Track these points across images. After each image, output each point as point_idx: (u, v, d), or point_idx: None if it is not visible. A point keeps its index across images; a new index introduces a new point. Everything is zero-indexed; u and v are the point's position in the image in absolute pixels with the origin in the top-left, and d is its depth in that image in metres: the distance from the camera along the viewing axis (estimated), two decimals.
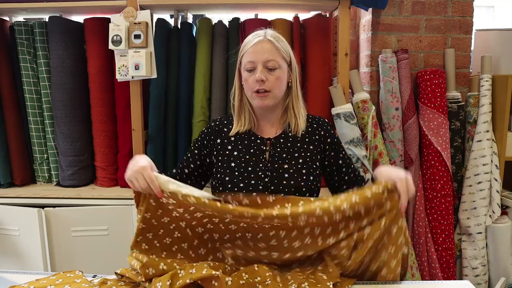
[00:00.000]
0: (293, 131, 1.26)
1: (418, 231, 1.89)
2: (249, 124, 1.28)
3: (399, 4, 1.88)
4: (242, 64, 1.24)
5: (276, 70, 1.21)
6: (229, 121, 1.32)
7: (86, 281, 1.00)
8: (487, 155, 1.85)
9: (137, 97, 1.74)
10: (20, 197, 1.82)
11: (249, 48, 1.21)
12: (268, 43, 1.20)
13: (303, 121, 1.27)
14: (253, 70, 1.21)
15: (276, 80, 1.21)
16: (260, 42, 1.20)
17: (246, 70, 1.22)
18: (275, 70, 1.21)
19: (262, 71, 1.19)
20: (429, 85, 1.82)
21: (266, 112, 1.28)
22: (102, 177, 1.92)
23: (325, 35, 1.82)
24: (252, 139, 1.27)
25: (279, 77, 1.21)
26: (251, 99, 1.24)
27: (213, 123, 1.33)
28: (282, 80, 1.23)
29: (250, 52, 1.21)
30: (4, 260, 1.84)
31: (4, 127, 1.88)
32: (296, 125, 1.26)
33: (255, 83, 1.20)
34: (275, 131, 1.29)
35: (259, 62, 1.19)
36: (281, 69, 1.22)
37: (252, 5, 1.78)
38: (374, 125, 1.79)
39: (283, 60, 1.22)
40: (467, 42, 1.93)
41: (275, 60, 1.20)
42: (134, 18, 1.68)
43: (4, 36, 1.87)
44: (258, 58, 1.19)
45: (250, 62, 1.20)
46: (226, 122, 1.32)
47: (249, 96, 1.24)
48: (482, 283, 1.92)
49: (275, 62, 1.20)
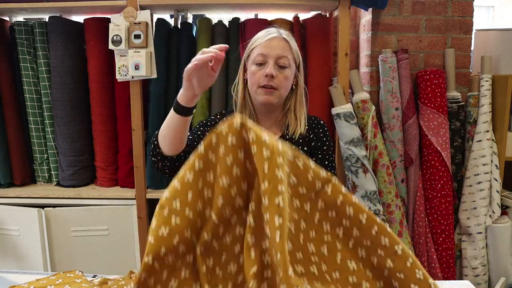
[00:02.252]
0: (290, 133, 1.25)
1: (418, 231, 1.89)
2: None
3: (399, 4, 1.88)
4: (251, 58, 1.21)
5: (286, 69, 1.19)
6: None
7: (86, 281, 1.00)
8: (487, 155, 1.85)
9: (137, 97, 1.74)
10: (20, 197, 1.82)
11: (262, 42, 1.18)
12: (282, 40, 1.19)
13: (304, 124, 1.25)
14: (263, 64, 1.18)
15: (285, 79, 1.19)
16: (276, 38, 1.18)
17: (254, 64, 1.19)
18: (285, 69, 1.18)
19: (274, 67, 1.16)
20: (429, 85, 1.82)
21: (267, 111, 1.26)
22: (102, 177, 1.92)
23: (325, 35, 1.82)
24: None
25: (288, 76, 1.20)
26: (255, 94, 1.21)
27: (214, 116, 1.30)
28: (289, 81, 1.21)
29: (263, 46, 1.18)
30: (4, 260, 1.84)
31: (4, 127, 1.88)
32: (296, 128, 1.24)
33: (263, 78, 1.17)
34: (274, 133, 1.28)
35: (271, 57, 1.16)
36: (290, 69, 1.20)
37: (252, 5, 1.78)
38: (374, 125, 1.79)
39: (293, 60, 1.21)
40: (467, 42, 1.93)
41: (287, 57, 1.18)
42: (134, 18, 1.68)
43: (4, 36, 1.87)
44: (270, 53, 1.16)
45: (262, 55, 1.17)
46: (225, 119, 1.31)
47: (254, 91, 1.21)
48: (482, 283, 1.92)
49: (287, 60, 1.18)
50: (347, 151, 1.74)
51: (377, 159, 1.80)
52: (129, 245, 1.83)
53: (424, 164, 1.89)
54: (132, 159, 1.79)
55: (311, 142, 1.28)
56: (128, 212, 1.80)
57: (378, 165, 1.80)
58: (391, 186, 1.80)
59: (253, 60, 1.20)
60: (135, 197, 1.79)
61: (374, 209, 1.75)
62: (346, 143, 1.74)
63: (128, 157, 1.84)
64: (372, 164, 1.80)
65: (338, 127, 1.77)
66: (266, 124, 1.28)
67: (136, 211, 1.79)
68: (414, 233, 1.90)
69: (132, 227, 1.81)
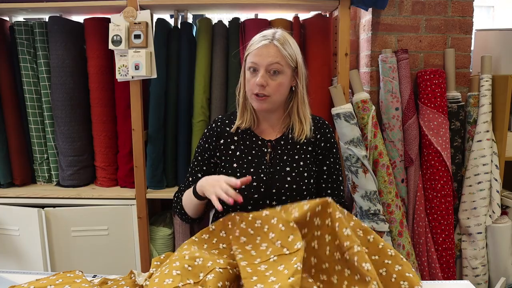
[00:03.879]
0: (297, 135, 1.26)
1: (418, 231, 1.89)
2: (249, 122, 1.28)
3: (399, 4, 1.88)
4: (247, 63, 1.23)
5: (279, 75, 1.19)
6: (231, 120, 1.32)
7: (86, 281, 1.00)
8: (487, 155, 1.86)
9: (137, 97, 1.74)
10: (20, 197, 1.82)
11: (254, 50, 1.20)
12: (273, 47, 1.18)
13: (309, 126, 1.27)
14: (255, 71, 1.20)
15: (278, 85, 1.20)
16: (266, 46, 1.18)
17: (248, 71, 1.22)
18: (277, 75, 1.19)
19: (264, 76, 1.18)
20: (429, 85, 1.83)
21: (266, 114, 1.28)
22: (102, 177, 1.92)
23: (325, 35, 1.82)
24: (254, 140, 1.27)
25: (281, 83, 1.20)
26: (251, 100, 1.24)
27: (214, 124, 1.33)
28: (284, 86, 1.22)
29: (254, 54, 1.20)
30: (4, 260, 1.84)
31: (4, 127, 1.88)
32: (301, 130, 1.25)
33: (255, 86, 1.19)
34: (276, 134, 1.29)
35: (261, 66, 1.18)
36: (284, 74, 1.20)
37: (252, 5, 1.78)
38: (374, 125, 1.79)
39: (287, 65, 1.20)
40: (467, 42, 1.93)
41: (278, 63, 1.18)
42: (134, 18, 1.68)
43: (4, 36, 1.87)
44: (261, 61, 1.18)
45: (253, 63, 1.20)
46: (228, 121, 1.32)
47: (249, 97, 1.24)
48: (482, 283, 1.92)
49: (279, 66, 1.18)
50: (347, 151, 1.74)
51: (377, 159, 1.80)
52: (129, 245, 1.83)
53: (424, 164, 1.89)
54: (132, 159, 1.79)
55: (320, 143, 1.29)
56: (128, 212, 1.80)
57: (378, 165, 1.80)
58: (391, 186, 1.80)
59: (247, 67, 1.23)
60: (135, 197, 1.79)
61: (374, 209, 1.75)
62: (346, 143, 1.74)
63: (128, 157, 1.85)
64: (372, 164, 1.80)
65: (338, 127, 1.77)
66: (266, 125, 1.30)
67: (136, 211, 1.79)
68: (414, 233, 1.90)
69: (132, 227, 1.81)
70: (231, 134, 1.29)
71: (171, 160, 1.87)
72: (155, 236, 1.88)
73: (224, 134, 1.30)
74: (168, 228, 1.89)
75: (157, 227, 1.89)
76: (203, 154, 1.32)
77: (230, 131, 1.29)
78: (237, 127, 1.28)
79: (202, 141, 1.33)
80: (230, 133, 1.29)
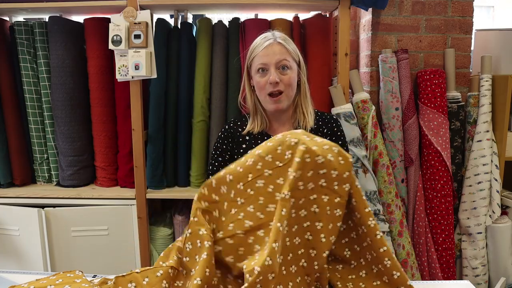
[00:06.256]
0: (301, 128, 1.29)
1: (418, 231, 1.89)
2: (261, 126, 1.31)
3: (399, 4, 1.88)
4: (253, 67, 1.26)
5: (288, 70, 1.24)
6: (243, 122, 1.36)
7: (86, 281, 1.00)
8: (487, 155, 1.86)
9: (137, 97, 1.74)
10: (20, 197, 1.82)
11: (260, 52, 1.23)
12: (278, 45, 1.23)
13: (312, 117, 1.31)
14: (265, 71, 1.23)
15: (289, 80, 1.24)
16: (271, 45, 1.23)
17: (257, 73, 1.25)
18: (287, 70, 1.24)
19: (276, 73, 1.22)
20: (429, 85, 1.82)
21: (279, 114, 1.31)
22: (102, 177, 1.92)
23: (325, 35, 1.82)
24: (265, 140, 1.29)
25: (292, 77, 1.25)
26: (265, 103, 1.27)
27: (227, 126, 1.37)
28: (295, 80, 1.27)
29: (261, 55, 1.23)
30: (4, 260, 1.84)
31: (4, 127, 1.88)
32: (305, 122, 1.30)
33: (268, 85, 1.22)
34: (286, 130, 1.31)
35: (271, 64, 1.22)
36: (291, 69, 1.25)
37: (252, 5, 1.78)
38: (374, 125, 1.79)
39: (293, 60, 1.25)
40: (467, 42, 1.93)
41: (286, 59, 1.23)
42: (134, 18, 1.68)
43: (4, 36, 1.87)
44: (270, 60, 1.22)
45: (262, 64, 1.23)
46: (240, 123, 1.36)
47: (262, 100, 1.27)
48: (482, 283, 1.92)
49: (286, 62, 1.23)
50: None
51: (377, 159, 1.80)
52: (129, 245, 1.83)
53: (424, 164, 1.89)
54: (132, 159, 1.79)
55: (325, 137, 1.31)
56: (128, 212, 1.80)
57: (378, 165, 1.80)
58: (391, 186, 1.80)
59: (255, 70, 1.26)
60: (135, 197, 1.79)
61: (374, 209, 1.75)
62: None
63: (128, 157, 1.84)
64: (372, 164, 1.80)
65: None
66: (277, 124, 1.34)
67: (136, 211, 1.79)
68: (414, 233, 1.90)
69: (132, 227, 1.81)
70: (243, 135, 1.32)
71: (171, 160, 1.87)
72: (155, 236, 1.88)
73: (236, 134, 1.33)
74: (168, 228, 1.89)
75: (157, 227, 1.89)
76: (223, 155, 1.35)
77: (242, 132, 1.32)
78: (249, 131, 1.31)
79: (219, 144, 1.36)
80: (243, 135, 1.32)
